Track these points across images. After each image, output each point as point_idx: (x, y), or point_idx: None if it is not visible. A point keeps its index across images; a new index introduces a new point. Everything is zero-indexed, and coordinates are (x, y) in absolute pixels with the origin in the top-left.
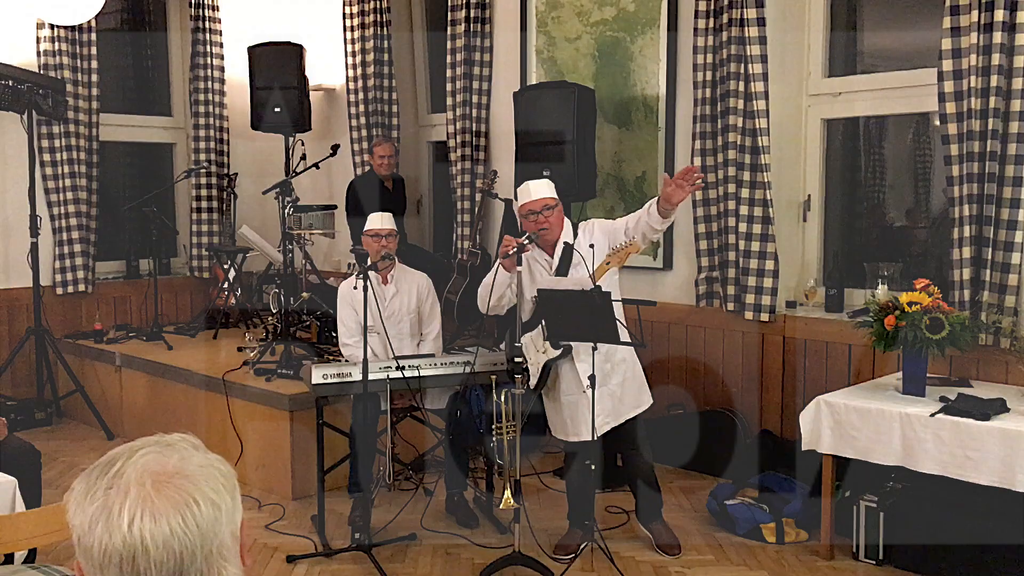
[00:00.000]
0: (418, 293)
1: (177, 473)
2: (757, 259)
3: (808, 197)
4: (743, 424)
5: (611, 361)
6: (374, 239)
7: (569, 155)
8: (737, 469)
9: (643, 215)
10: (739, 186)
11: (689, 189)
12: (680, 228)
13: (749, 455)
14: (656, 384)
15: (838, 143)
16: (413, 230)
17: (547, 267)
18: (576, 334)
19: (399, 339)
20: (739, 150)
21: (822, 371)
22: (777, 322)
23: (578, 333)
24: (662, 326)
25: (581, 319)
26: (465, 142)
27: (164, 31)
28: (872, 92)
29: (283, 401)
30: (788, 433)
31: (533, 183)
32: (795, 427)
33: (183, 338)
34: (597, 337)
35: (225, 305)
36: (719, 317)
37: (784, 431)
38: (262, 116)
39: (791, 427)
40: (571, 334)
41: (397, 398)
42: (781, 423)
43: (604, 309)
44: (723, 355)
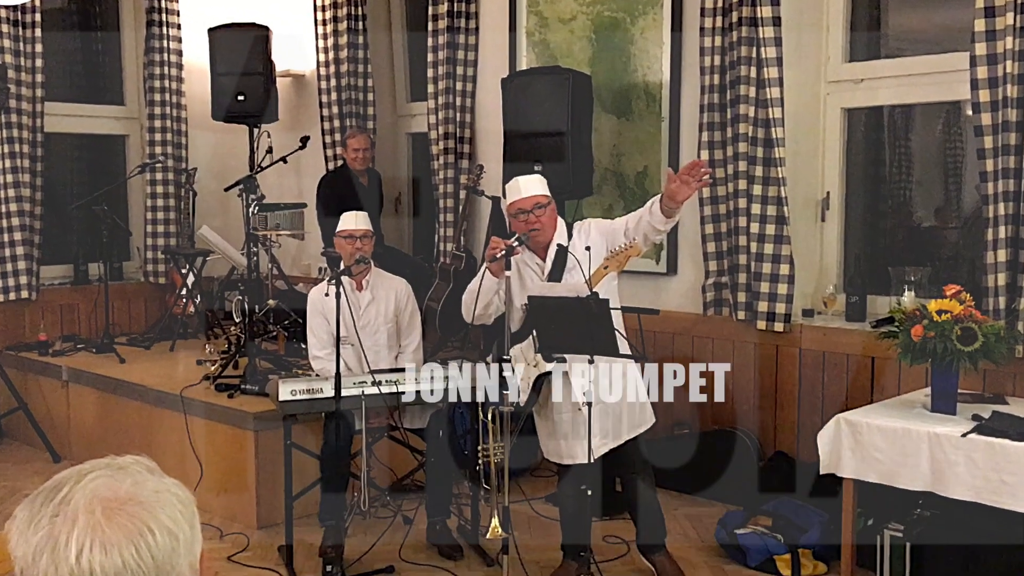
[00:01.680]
0: (396, 300)
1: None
2: (770, 263)
3: (827, 195)
4: (755, 445)
5: (609, 376)
6: (348, 241)
7: (563, 148)
8: (748, 495)
9: (644, 214)
10: (751, 182)
11: (695, 186)
12: (685, 229)
13: (762, 479)
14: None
15: (860, 135)
16: (391, 231)
17: (539, 272)
18: (570, 346)
19: (375, 351)
20: (751, 143)
21: (842, 386)
22: (792, 332)
23: (573, 345)
24: (665, 337)
25: (576, 329)
26: (448, 134)
27: (116, 12)
28: (897, 79)
29: (247, 420)
30: (805, 455)
31: (523, 179)
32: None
33: (137, 350)
34: (594, 349)
35: (183, 314)
36: (728, 327)
37: (800, 453)
38: (224, 105)
39: (808, 448)
40: (565, 346)
41: (373, 416)
42: (797, 444)
43: (601, 318)
44: (733, 369)
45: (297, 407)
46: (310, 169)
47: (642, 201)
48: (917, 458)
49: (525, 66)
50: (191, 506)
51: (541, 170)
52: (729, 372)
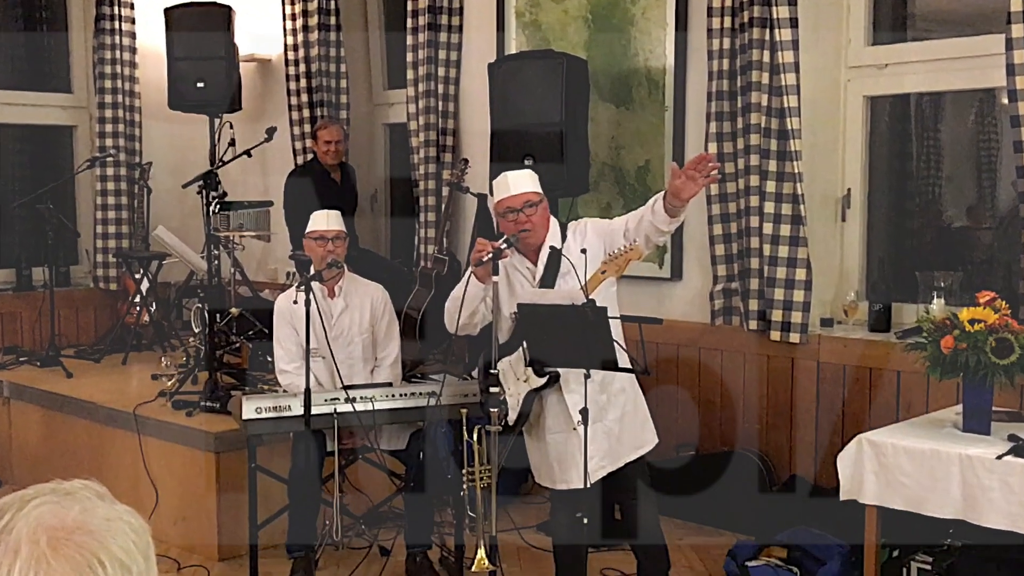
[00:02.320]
0: (372, 308)
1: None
2: (785, 267)
3: (848, 192)
4: (768, 468)
5: (607, 392)
6: (318, 243)
7: (556, 140)
8: (761, 523)
9: (646, 214)
10: (764, 178)
11: (703, 182)
12: (691, 229)
13: (775, 506)
14: (662, 420)
15: (884, 126)
16: (366, 232)
17: (529, 277)
18: (564, 359)
19: (349, 365)
20: (764, 134)
21: (864, 403)
22: (810, 344)
23: (567, 357)
24: (670, 348)
25: (571, 340)
26: (429, 124)
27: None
28: (925, 63)
29: (207, 440)
30: (823, 479)
31: (512, 174)
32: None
33: (86, 363)
34: (590, 362)
35: (136, 323)
36: (739, 338)
37: (818, 477)
38: (182, 93)
39: (827, 472)
40: (558, 359)
41: (347, 437)
42: (815, 467)
43: (598, 328)
44: (744, 384)
45: (263, 426)
46: (277, 164)
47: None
48: (947, 483)
49: (514, 50)
50: (145, 536)
51: (532, 165)
52: (740, 387)
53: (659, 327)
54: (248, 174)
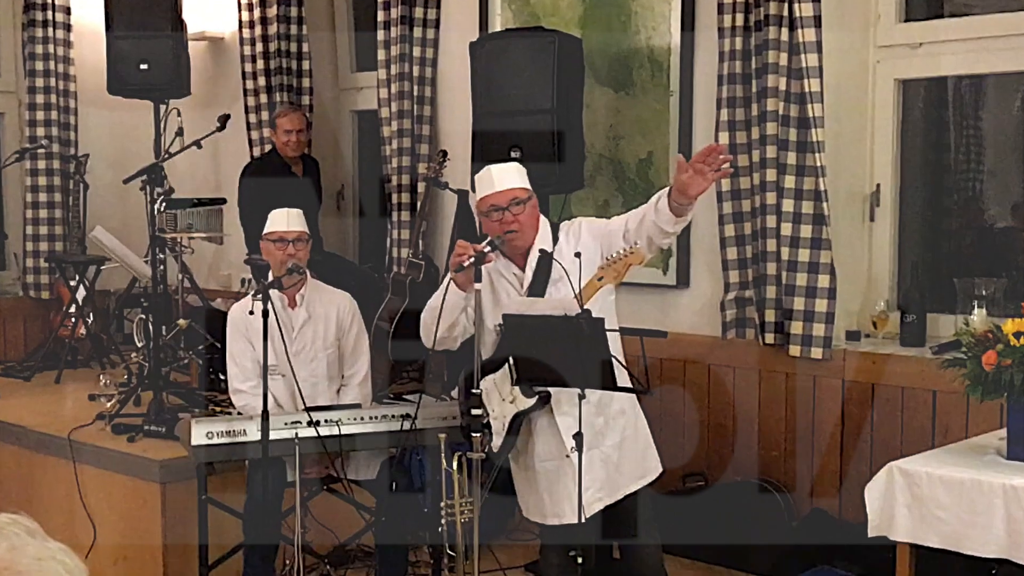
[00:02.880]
0: (338, 320)
1: (5, 569)
2: (806, 273)
3: (877, 188)
4: (787, 501)
5: (605, 414)
6: (278, 245)
7: (547, 130)
8: (779, 562)
9: (649, 212)
10: (782, 172)
11: (712, 176)
12: (700, 230)
13: (795, 544)
14: (667, 446)
15: (918, 113)
16: (332, 233)
17: (516, 284)
18: (556, 376)
19: (312, 383)
20: (782, 122)
21: (895, 427)
22: (834, 360)
23: (559, 375)
24: (675, 365)
25: (563, 356)
26: (403, 112)
27: None
28: (965, 43)
29: (152, 469)
30: (849, 513)
31: (497, 168)
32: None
33: (14, 382)
34: (585, 381)
35: (72, 337)
36: (754, 353)
37: (843, 510)
38: (123, 76)
39: (853, 505)
40: (549, 376)
41: (310, 465)
42: (839, 499)
43: (595, 342)
44: (759, 405)
45: (214, 453)
46: (231, 156)
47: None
48: (990, 517)
49: (500, 27)
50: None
51: (520, 157)
52: (754, 409)
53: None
54: (198, 168)
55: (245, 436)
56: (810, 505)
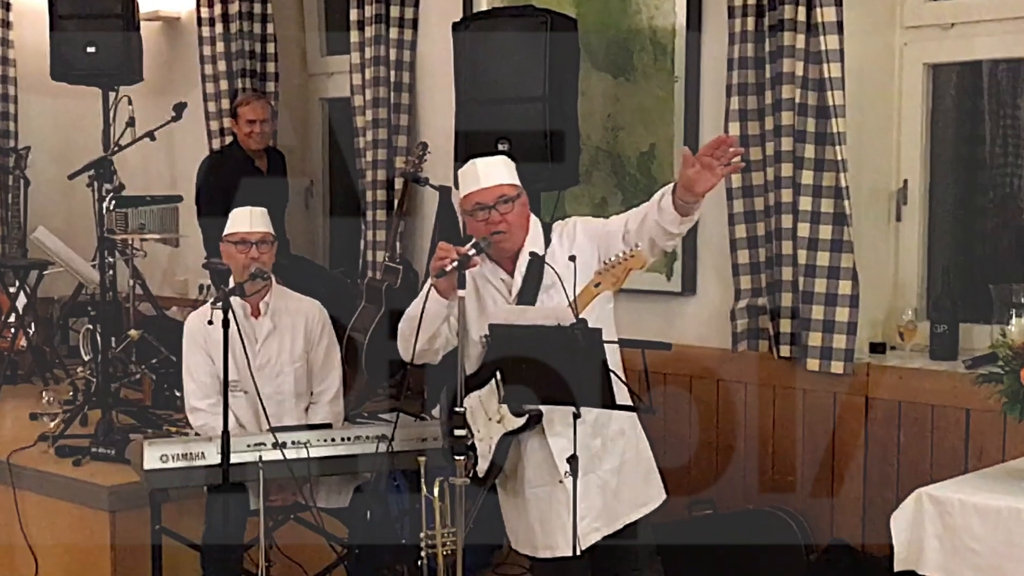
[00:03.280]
0: (307, 330)
1: None
2: (826, 279)
3: (904, 184)
4: (804, 531)
5: (602, 435)
6: (239, 248)
7: (538, 120)
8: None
9: (651, 212)
10: (798, 167)
11: (721, 172)
12: (708, 231)
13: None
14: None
15: (950, 101)
16: (300, 234)
17: (504, 291)
18: (548, 393)
19: (278, 401)
20: (799, 111)
21: (925, 449)
22: (857, 375)
23: (551, 392)
24: (680, 381)
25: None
26: (379, 100)
27: None
28: (1001, 23)
29: (100, 496)
30: (873, 544)
31: (483, 162)
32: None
33: None
34: (581, 398)
35: (11, 349)
36: (768, 367)
37: (867, 541)
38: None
39: (878, 535)
40: (541, 393)
41: (275, 492)
42: (863, 529)
43: (591, 355)
44: (773, 425)
45: (170, 478)
46: (187, 149)
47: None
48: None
49: (486, 6)
50: None
51: (508, 150)
52: (768, 429)
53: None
54: (151, 162)
55: (203, 460)
56: (829, 536)
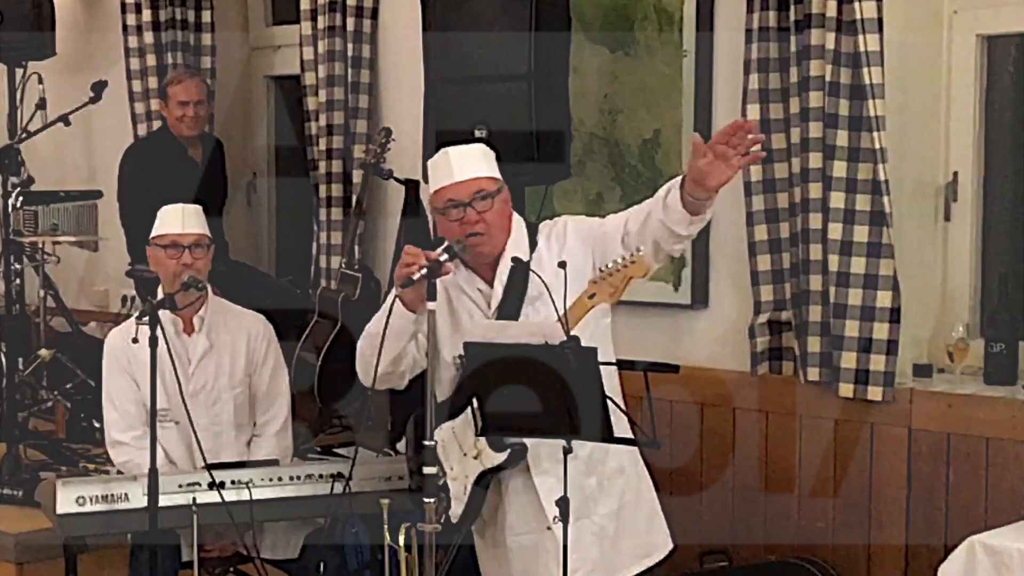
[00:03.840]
0: (249, 350)
1: None
2: (861, 289)
3: (954, 177)
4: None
5: (597, 473)
6: (170, 253)
7: (522, 101)
8: None
9: (655, 210)
10: (829, 157)
11: (738, 162)
12: (722, 233)
13: None
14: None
15: (1007, 80)
16: (241, 236)
17: (482, 303)
18: (534, 424)
19: (215, 433)
20: (829, 92)
21: (979, 490)
22: (898, 402)
23: (537, 422)
24: (690, 409)
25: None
26: (333, 77)
27: None
28: None
29: (5, 546)
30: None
31: (456, 152)
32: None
33: None
34: (572, 429)
35: None
36: (792, 393)
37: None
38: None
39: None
40: (525, 424)
41: (212, 540)
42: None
43: (585, 378)
44: (799, 462)
45: (87, 524)
46: (109, 136)
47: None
48: None
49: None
50: None
51: (486, 137)
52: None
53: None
54: (66, 151)
55: (127, 503)
56: None
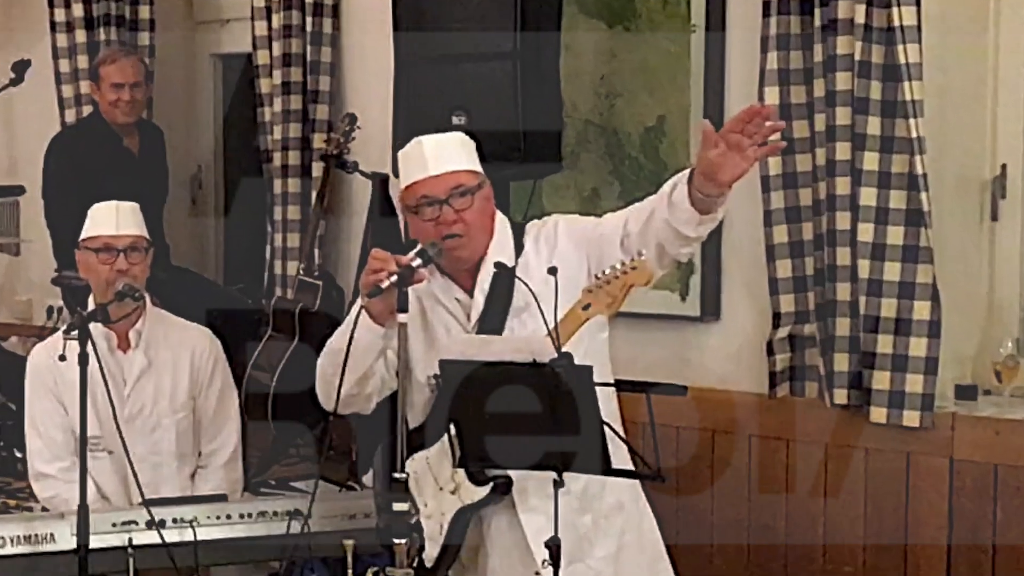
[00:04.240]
0: (193, 369)
1: None
2: (896, 298)
3: (1002, 170)
4: None
5: (593, 511)
6: (102, 257)
7: (507, 83)
8: None
9: (659, 208)
10: (859, 147)
11: (755, 154)
12: (735, 234)
13: None
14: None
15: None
16: (184, 238)
17: (461, 315)
18: (520, 454)
19: (154, 464)
20: (859, 72)
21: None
22: (938, 429)
23: (524, 452)
24: (699, 437)
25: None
26: (289, 56)
27: None
28: None
29: None
30: None
31: (431, 142)
32: None
33: None
34: (564, 461)
35: None
36: (816, 418)
37: None
38: None
39: None
40: (510, 454)
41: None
42: None
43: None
44: (825, 496)
45: (7, 570)
46: (32, 123)
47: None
48: None
49: None
50: None
51: (465, 124)
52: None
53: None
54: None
55: (53, 544)
56: None
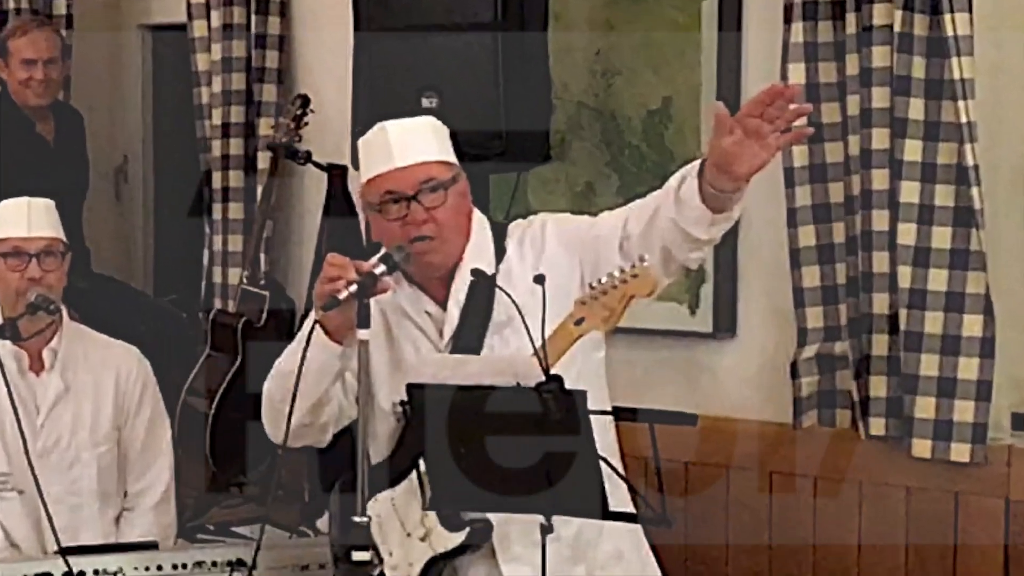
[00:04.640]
0: (118, 394)
1: None
2: (942, 312)
3: None
4: None
5: (587, 560)
6: (11, 263)
7: (486, 60)
8: None
9: (665, 206)
10: (899, 134)
11: (776, 142)
12: (753, 236)
13: None
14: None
15: None
16: (108, 240)
17: (432, 331)
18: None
19: (72, 506)
20: (899, 47)
21: None
22: (992, 464)
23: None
24: (711, 473)
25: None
26: (231, 27)
27: None
28: None
29: None
30: None
31: (397, 128)
32: None
33: None
34: (553, 503)
35: None
36: (849, 452)
37: None
38: None
39: None
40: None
41: None
42: None
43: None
44: (859, 541)
45: None
46: None
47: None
48: None
49: None
50: None
51: (437, 107)
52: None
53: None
54: None
55: None
56: None
